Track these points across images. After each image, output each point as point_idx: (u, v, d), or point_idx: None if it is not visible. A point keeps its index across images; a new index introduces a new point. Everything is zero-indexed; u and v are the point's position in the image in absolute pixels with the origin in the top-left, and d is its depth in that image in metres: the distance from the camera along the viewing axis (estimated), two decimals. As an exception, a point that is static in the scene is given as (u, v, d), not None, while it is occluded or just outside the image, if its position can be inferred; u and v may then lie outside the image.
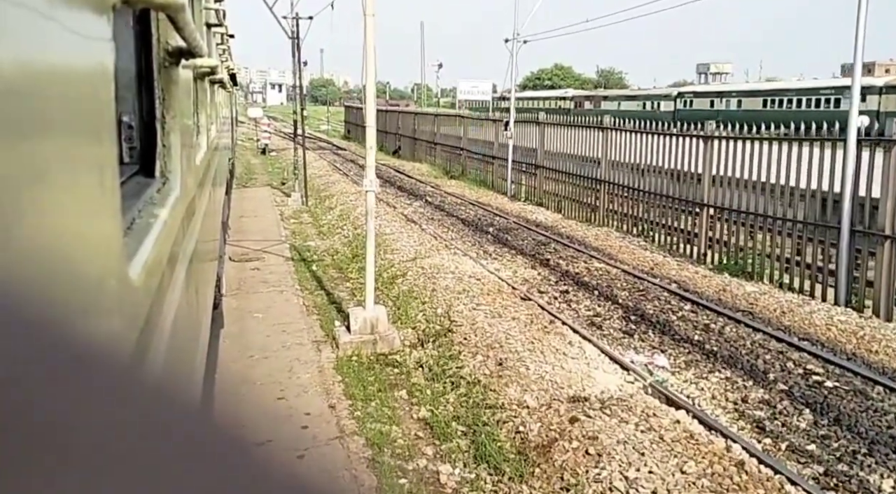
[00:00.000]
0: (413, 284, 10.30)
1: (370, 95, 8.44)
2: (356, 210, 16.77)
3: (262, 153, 33.61)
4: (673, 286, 9.98)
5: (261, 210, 18.24)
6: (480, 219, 15.89)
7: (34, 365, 0.31)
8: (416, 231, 14.14)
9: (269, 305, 10.22)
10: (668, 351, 7.53)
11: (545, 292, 9.85)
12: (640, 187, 14.10)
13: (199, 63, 2.60)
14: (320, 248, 14.17)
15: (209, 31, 4.65)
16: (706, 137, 12.05)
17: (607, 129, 15.32)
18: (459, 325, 8.25)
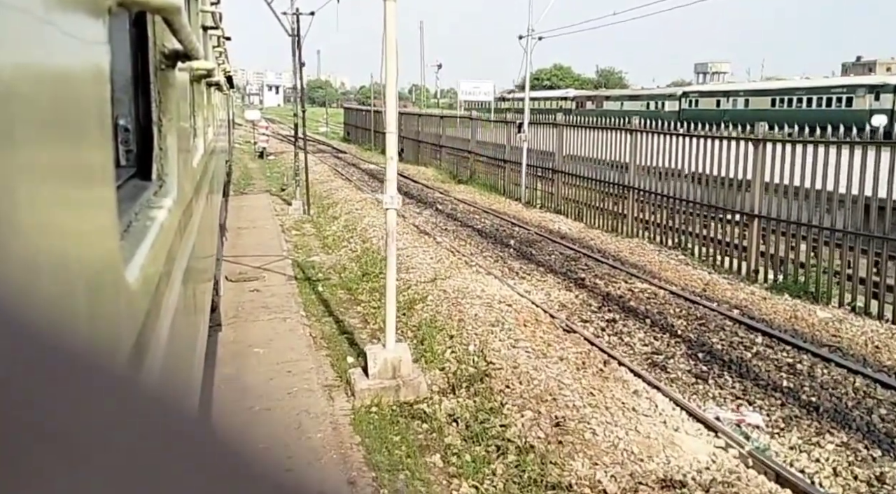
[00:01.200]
0: (436, 311, 8.90)
1: (391, 94, 7.04)
2: (363, 220, 15.36)
3: (260, 157, 32.17)
4: (735, 312, 8.59)
5: (260, 220, 16.82)
6: (498, 229, 14.49)
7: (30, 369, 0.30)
8: (430, 245, 12.73)
9: (272, 337, 8.81)
10: (756, 403, 6.14)
11: (589, 321, 8.46)
12: (675, 195, 12.72)
13: (196, 66, 2.54)
14: (326, 265, 12.77)
15: (205, 34, 4.54)
16: (757, 140, 10.67)
17: (636, 132, 13.94)
18: (498, 368, 6.86)
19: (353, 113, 43.48)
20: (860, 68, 68.46)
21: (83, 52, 0.82)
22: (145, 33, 1.87)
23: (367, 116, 38.97)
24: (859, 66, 69.91)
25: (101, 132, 0.91)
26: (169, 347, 1.51)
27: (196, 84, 3.44)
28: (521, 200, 18.79)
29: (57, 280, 0.61)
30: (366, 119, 39.42)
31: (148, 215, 1.59)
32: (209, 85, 4.87)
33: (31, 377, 0.30)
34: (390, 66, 6.88)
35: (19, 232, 0.53)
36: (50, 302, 0.52)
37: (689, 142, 12.25)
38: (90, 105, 0.85)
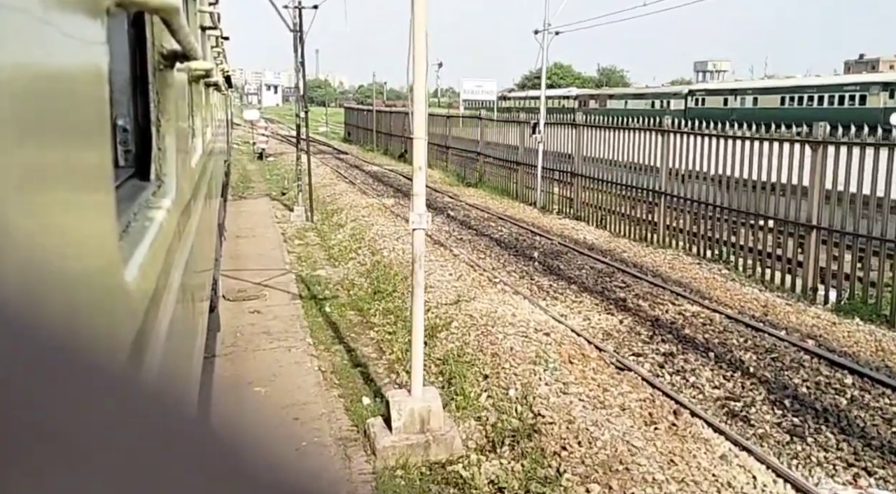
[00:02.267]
0: (463, 341, 7.66)
1: (419, 93, 5.81)
2: (371, 229, 14.11)
3: (259, 158, 30.88)
4: (809, 343, 7.38)
5: (260, 227, 15.56)
6: (517, 239, 13.24)
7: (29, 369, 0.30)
8: (447, 258, 11.49)
9: (275, 372, 7.58)
10: (877, 473, 4.93)
11: (642, 354, 7.23)
12: (713, 201, 11.50)
13: (194, 66, 2.51)
14: (333, 280, 11.52)
15: (204, 34, 4.49)
16: (816, 143, 9.45)
17: (668, 132, 12.70)
18: (549, 421, 5.63)
19: (355, 113, 42.16)
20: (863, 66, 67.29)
21: (81, 52, 0.81)
22: (143, 33, 1.85)
23: (369, 116, 37.70)
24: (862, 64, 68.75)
25: (100, 132, 0.90)
26: (168, 347, 1.49)
27: (194, 84, 3.35)
28: (537, 205, 17.55)
29: (55, 280, 0.61)
30: (367, 119, 38.15)
31: (146, 215, 1.57)
32: (207, 85, 4.71)
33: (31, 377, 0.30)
34: (419, 60, 5.65)
35: (18, 232, 0.53)
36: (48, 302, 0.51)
37: (732, 144, 11.03)
38: (88, 105, 0.84)
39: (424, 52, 5.66)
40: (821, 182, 9.38)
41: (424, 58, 5.68)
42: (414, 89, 5.82)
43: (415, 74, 5.75)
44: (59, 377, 0.31)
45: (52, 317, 0.41)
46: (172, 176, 1.97)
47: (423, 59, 5.66)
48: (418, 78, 5.73)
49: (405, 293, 9.91)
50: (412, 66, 5.83)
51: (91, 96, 0.85)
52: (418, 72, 5.71)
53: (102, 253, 0.89)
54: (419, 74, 5.71)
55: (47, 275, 0.58)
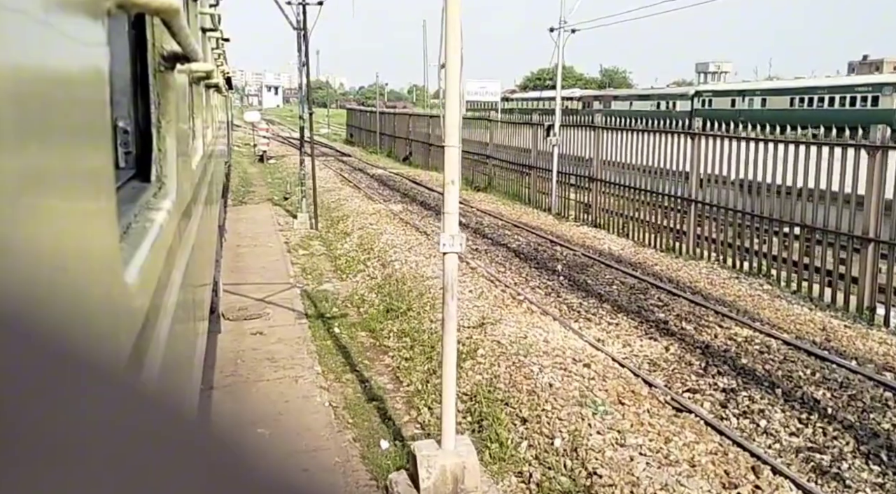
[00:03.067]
0: (492, 373, 6.74)
1: (453, 93, 4.88)
2: (380, 238, 13.17)
3: (261, 160, 29.95)
4: (888, 376, 6.45)
5: (262, 236, 14.63)
6: (537, 249, 12.31)
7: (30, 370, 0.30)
8: (465, 271, 10.56)
9: (280, 409, 6.67)
10: None
11: (699, 390, 6.30)
12: (752, 211, 10.58)
13: (195, 67, 2.42)
14: (340, 295, 10.60)
15: (204, 36, 4.44)
16: (875, 147, 8.53)
17: (699, 135, 11.78)
18: (607, 483, 4.70)
19: (357, 114, 41.20)
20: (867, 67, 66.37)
21: (82, 53, 0.80)
22: (144, 35, 1.84)
23: (372, 118, 36.78)
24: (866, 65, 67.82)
25: (101, 134, 0.90)
26: (168, 348, 1.48)
27: (195, 86, 3.32)
28: (551, 211, 16.63)
29: (56, 281, 0.61)
30: (370, 120, 37.22)
31: (147, 217, 1.55)
32: (208, 86, 4.64)
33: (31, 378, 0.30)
34: (452, 60, 4.74)
35: (19, 233, 0.53)
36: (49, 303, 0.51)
37: (775, 148, 10.11)
38: (89, 107, 0.83)
39: (459, 51, 4.76)
40: (879, 191, 8.46)
41: (459, 57, 4.77)
42: (447, 91, 4.90)
43: (447, 76, 4.84)
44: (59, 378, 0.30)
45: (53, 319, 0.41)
46: (173, 177, 1.94)
47: (457, 58, 4.76)
48: (451, 79, 4.81)
49: (421, 312, 8.98)
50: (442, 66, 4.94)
51: (92, 98, 0.85)
52: (451, 72, 4.79)
53: (103, 255, 0.88)
54: (452, 75, 4.80)
55: (48, 277, 0.58)
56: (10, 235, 0.50)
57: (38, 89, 0.62)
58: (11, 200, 0.52)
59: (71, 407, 0.30)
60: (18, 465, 0.27)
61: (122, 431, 0.31)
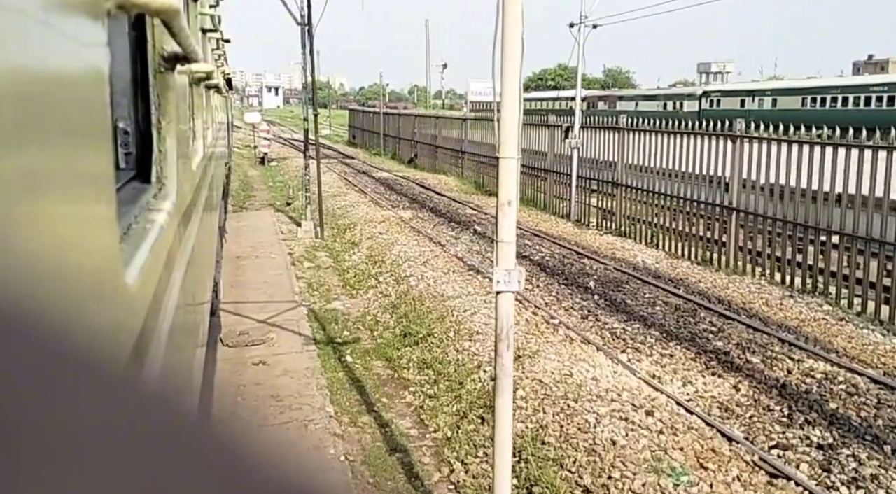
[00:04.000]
0: (538, 422, 5.66)
1: (511, 95, 3.83)
2: (392, 249, 12.09)
3: (262, 163, 28.86)
4: None
5: (264, 246, 13.55)
6: (563, 262, 11.23)
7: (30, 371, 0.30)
8: (489, 289, 9.49)
9: (288, 466, 5.59)
10: None
11: (790, 447, 5.22)
12: (805, 221, 9.53)
13: (195, 68, 2.41)
14: (351, 315, 9.53)
15: (204, 37, 4.37)
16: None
17: (740, 138, 10.72)
18: None
19: (360, 115, 40.08)
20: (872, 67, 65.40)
21: (82, 54, 0.80)
22: (144, 36, 1.81)
23: (375, 119, 35.69)
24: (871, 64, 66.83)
25: (101, 134, 0.89)
26: (168, 350, 1.47)
27: (195, 86, 3.24)
28: (570, 218, 15.57)
29: (56, 282, 0.60)
30: (373, 121, 36.14)
31: (147, 218, 1.54)
32: (208, 87, 4.54)
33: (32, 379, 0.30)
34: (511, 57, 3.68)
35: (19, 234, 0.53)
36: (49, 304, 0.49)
37: (834, 152, 9.05)
38: (89, 107, 0.83)
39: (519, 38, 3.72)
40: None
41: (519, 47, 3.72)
42: (503, 90, 3.84)
43: (503, 70, 3.79)
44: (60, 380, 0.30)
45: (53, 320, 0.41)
46: (173, 178, 1.92)
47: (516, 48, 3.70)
48: (509, 74, 3.76)
49: (444, 339, 7.90)
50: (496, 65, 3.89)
51: (92, 98, 0.84)
52: (509, 65, 3.74)
53: (103, 256, 0.87)
54: (510, 69, 3.75)
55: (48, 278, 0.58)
56: (11, 236, 0.50)
57: (39, 90, 0.61)
58: (12, 201, 0.51)
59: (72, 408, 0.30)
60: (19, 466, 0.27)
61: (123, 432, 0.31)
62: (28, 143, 0.57)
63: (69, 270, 0.67)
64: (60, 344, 0.34)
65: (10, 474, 0.26)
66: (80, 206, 0.77)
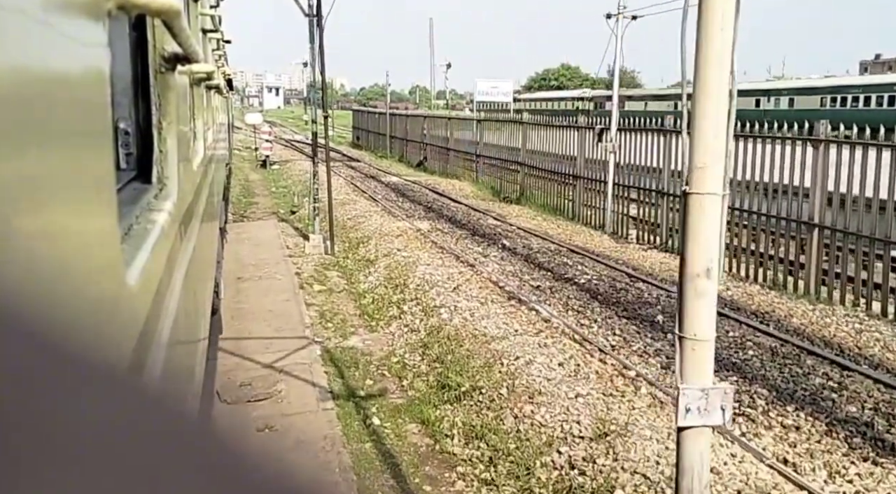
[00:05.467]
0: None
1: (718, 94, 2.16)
2: (414, 270, 10.41)
3: (263, 166, 27.15)
4: None
5: (268, 264, 11.85)
6: (616, 287, 9.54)
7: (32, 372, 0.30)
8: (537, 324, 7.81)
9: None
10: None
11: None
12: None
13: (195, 69, 2.38)
14: (374, 355, 7.86)
15: (205, 37, 4.35)
16: None
17: (825, 143, 9.05)
18: None
19: (365, 116, 38.31)
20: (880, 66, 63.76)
21: (83, 54, 0.79)
22: (145, 36, 1.79)
23: (381, 120, 33.97)
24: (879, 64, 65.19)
25: (102, 135, 0.88)
26: (170, 350, 1.45)
27: (196, 87, 3.17)
28: (605, 230, 13.89)
29: (58, 283, 0.60)
30: (378, 123, 34.41)
31: (148, 218, 1.52)
32: (209, 88, 4.48)
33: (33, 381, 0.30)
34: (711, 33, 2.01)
35: (20, 235, 0.52)
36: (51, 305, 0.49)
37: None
38: (90, 108, 0.82)
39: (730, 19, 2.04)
40: None
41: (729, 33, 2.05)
42: (697, 93, 2.21)
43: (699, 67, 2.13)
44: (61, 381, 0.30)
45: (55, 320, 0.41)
46: (174, 178, 1.89)
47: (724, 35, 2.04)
48: (710, 70, 2.11)
49: (496, 397, 6.21)
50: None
51: (93, 99, 0.83)
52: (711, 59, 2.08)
53: (105, 256, 0.86)
54: (714, 63, 2.09)
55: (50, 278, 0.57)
56: (12, 236, 0.50)
57: (40, 90, 0.61)
58: (13, 201, 0.51)
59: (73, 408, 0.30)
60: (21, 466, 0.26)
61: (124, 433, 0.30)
62: (29, 144, 0.57)
63: (71, 270, 0.66)
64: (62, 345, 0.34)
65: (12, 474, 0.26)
66: (81, 207, 0.75)
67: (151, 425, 0.32)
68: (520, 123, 18.40)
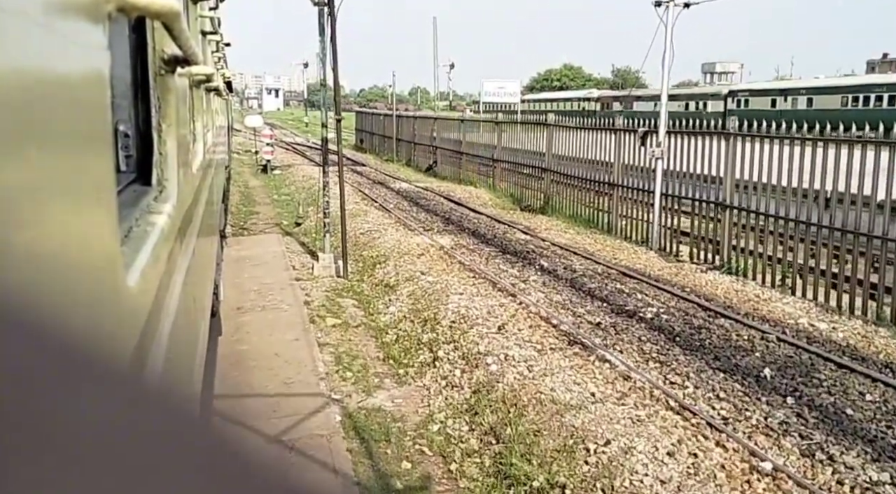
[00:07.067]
0: None
1: None
2: (447, 301, 8.66)
3: (264, 171, 25.41)
4: None
5: (272, 290, 10.10)
6: (693, 324, 7.80)
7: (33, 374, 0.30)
8: (616, 383, 6.08)
9: None
10: None
11: None
12: None
13: (195, 71, 2.37)
14: (408, 422, 6.15)
15: (204, 39, 4.28)
16: None
17: None
18: None
19: (369, 118, 36.49)
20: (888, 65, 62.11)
21: (83, 57, 0.78)
22: (144, 38, 1.77)
23: (387, 122, 32.21)
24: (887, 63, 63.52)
25: (102, 137, 0.87)
26: (169, 352, 1.43)
27: (195, 89, 3.11)
28: (650, 245, 12.17)
29: (58, 285, 0.59)
30: (384, 125, 32.65)
31: (148, 220, 1.50)
32: (208, 90, 4.30)
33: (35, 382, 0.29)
34: None
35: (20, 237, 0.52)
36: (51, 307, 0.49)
37: None
38: (90, 110, 0.81)
39: None
40: None
41: None
42: None
43: None
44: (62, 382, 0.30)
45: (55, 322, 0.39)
46: (174, 181, 1.87)
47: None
48: None
49: None
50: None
51: (93, 101, 0.82)
52: None
53: (104, 258, 0.85)
54: None
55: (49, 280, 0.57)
56: (12, 239, 0.50)
57: (40, 93, 0.60)
58: (13, 204, 0.51)
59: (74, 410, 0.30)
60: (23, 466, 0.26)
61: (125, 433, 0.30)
62: (29, 146, 0.56)
63: (70, 273, 0.66)
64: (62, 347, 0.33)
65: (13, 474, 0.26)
66: (81, 209, 0.75)
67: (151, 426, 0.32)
68: (544, 125, 16.65)
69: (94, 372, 0.33)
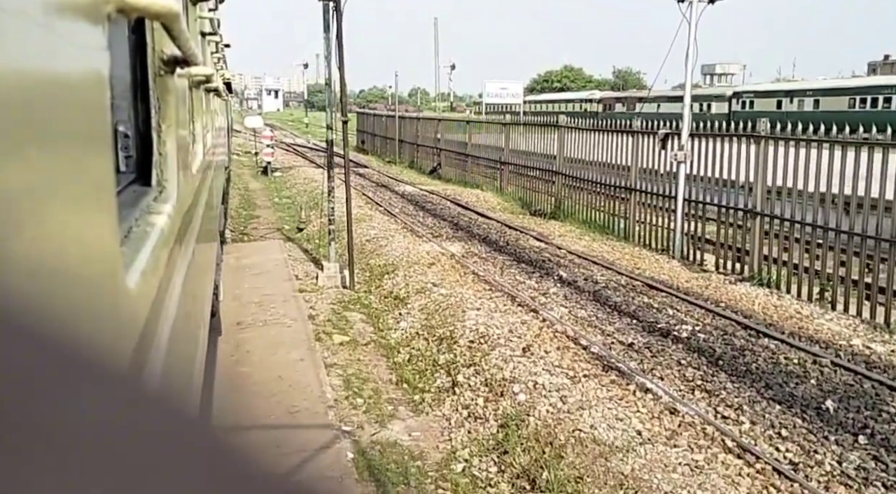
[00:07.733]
0: None
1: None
2: (463, 317, 7.94)
3: (264, 173, 24.68)
4: None
5: (274, 302, 9.37)
6: (734, 344, 7.09)
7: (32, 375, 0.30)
8: (663, 418, 5.37)
9: None
10: None
11: None
12: None
13: (195, 72, 2.35)
14: (427, 458, 5.44)
15: (204, 40, 4.33)
16: None
17: None
18: None
19: (371, 119, 35.73)
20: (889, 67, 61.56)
21: (83, 58, 0.77)
22: (144, 39, 1.76)
23: (389, 123, 31.48)
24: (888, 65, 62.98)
25: (101, 138, 0.86)
26: (169, 353, 1.40)
27: (195, 90, 3.09)
28: (672, 254, 11.47)
29: (57, 286, 0.58)
30: (386, 126, 31.92)
31: (148, 221, 1.49)
32: (208, 91, 4.29)
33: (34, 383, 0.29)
34: None
35: (20, 237, 0.51)
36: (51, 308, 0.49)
37: None
38: (90, 111, 0.80)
39: None
40: None
41: None
42: None
43: None
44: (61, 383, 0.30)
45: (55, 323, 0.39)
46: (174, 181, 1.86)
47: None
48: None
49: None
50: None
51: (92, 102, 0.82)
52: None
53: (104, 259, 0.84)
54: None
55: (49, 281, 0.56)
56: (11, 239, 0.49)
57: (40, 93, 0.60)
58: (13, 204, 0.50)
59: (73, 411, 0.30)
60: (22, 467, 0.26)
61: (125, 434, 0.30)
62: (29, 147, 0.56)
63: (70, 273, 0.65)
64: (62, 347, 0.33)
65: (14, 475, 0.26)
66: (80, 209, 0.74)
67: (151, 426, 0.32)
68: (556, 127, 15.94)
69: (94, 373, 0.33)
